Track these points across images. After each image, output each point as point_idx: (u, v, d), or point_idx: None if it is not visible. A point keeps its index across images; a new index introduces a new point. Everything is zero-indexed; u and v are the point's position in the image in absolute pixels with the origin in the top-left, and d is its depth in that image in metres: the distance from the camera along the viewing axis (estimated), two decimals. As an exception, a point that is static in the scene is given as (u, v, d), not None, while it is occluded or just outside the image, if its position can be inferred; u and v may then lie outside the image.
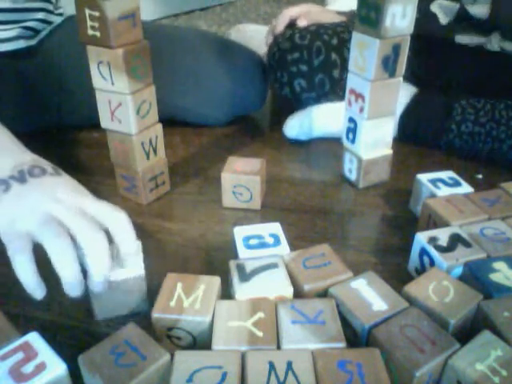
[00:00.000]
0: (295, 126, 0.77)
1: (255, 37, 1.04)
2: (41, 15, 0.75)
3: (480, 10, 0.72)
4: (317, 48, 0.73)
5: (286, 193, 0.65)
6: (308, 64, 0.74)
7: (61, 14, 0.80)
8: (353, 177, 0.66)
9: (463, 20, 0.75)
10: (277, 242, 0.47)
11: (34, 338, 0.34)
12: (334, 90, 0.75)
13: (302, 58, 0.74)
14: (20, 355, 0.33)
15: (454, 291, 0.40)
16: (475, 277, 0.42)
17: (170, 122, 0.71)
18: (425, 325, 0.37)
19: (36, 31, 0.74)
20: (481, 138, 0.67)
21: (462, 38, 0.75)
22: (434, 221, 0.51)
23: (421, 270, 0.48)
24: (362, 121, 0.61)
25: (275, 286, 0.41)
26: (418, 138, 0.73)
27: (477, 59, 0.76)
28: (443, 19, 0.76)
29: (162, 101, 0.59)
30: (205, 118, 0.82)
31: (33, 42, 0.74)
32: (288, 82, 0.77)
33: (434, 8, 0.77)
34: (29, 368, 0.32)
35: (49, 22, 0.77)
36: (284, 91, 0.79)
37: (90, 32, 0.50)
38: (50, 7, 0.77)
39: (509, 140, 0.66)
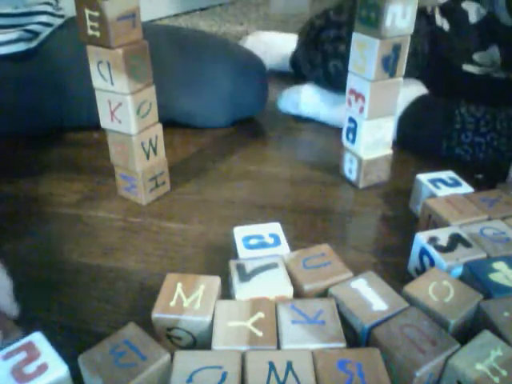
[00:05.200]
0: (287, 99, 0.81)
1: (274, 45, 1.03)
2: (43, 18, 0.74)
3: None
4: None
5: (286, 193, 0.65)
6: (346, 43, 0.65)
7: (62, 16, 0.80)
8: (353, 177, 0.66)
9: (490, 25, 0.73)
10: (277, 241, 0.47)
11: (37, 339, 0.34)
12: None
13: (339, 37, 0.67)
14: (23, 355, 0.33)
15: (454, 291, 0.40)
16: (475, 277, 0.42)
17: (170, 122, 0.71)
18: (425, 325, 0.37)
19: (36, 34, 0.74)
20: (481, 148, 0.66)
21: (467, 67, 0.73)
22: (433, 221, 0.51)
23: (421, 270, 0.48)
24: (362, 121, 0.61)
25: (275, 286, 0.41)
26: (418, 144, 0.71)
27: (482, 87, 0.74)
28: (472, 18, 0.74)
29: (162, 104, 0.59)
30: (205, 121, 0.81)
31: (33, 45, 0.74)
32: (322, 64, 0.70)
33: (465, 5, 0.74)
34: (31, 368, 0.32)
35: (50, 25, 0.77)
36: (315, 73, 0.72)
37: (90, 32, 0.51)
38: (52, 9, 0.77)
39: (509, 152, 0.64)
